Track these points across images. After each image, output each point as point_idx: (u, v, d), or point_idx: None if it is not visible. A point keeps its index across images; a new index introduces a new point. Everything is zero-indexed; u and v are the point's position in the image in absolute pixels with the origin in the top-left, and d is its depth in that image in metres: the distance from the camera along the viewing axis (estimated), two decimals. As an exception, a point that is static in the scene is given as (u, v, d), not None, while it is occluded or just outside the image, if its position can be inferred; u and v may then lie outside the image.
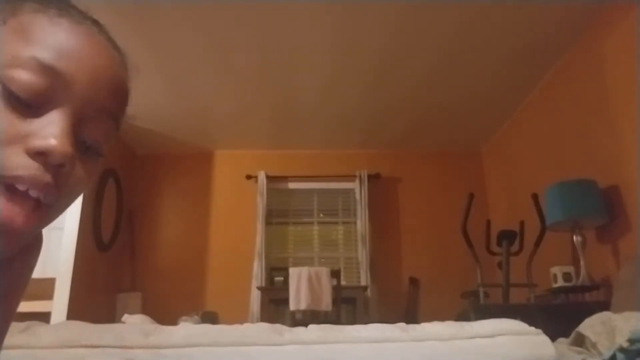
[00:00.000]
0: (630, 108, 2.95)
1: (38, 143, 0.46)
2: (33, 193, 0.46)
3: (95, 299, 4.54)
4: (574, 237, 3.15)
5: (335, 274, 3.88)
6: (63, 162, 0.47)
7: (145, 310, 4.75)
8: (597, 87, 3.31)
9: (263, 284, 4.81)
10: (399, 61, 3.90)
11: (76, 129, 0.49)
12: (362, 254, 5.03)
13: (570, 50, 3.65)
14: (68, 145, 0.47)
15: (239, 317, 4.41)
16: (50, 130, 0.47)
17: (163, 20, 3.39)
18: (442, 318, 1.73)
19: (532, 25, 3.43)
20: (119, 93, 0.54)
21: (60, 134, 0.47)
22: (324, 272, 3.80)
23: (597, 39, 3.31)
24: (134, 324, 1.56)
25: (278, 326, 1.48)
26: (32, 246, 0.61)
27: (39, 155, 0.46)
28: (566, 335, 1.70)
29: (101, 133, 0.52)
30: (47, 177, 0.47)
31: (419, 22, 3.41)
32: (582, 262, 3.10)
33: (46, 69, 0.47)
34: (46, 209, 0.48)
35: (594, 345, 1.55)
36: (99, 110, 0.51)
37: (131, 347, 1.31)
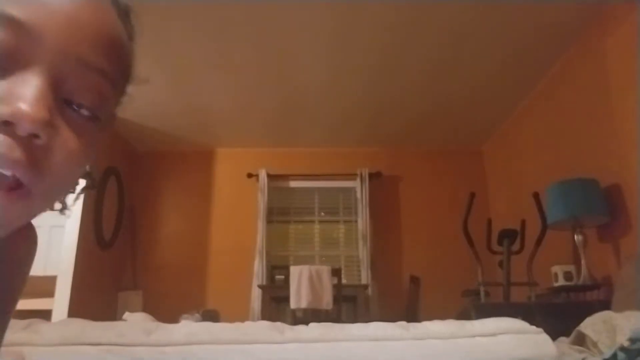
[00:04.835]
0: (631, 107, 2.95)
1: (3, 110, 0.36)
2: (5, 172, 0.37)
3: (96, 297, 4.54)
4: (575, 236, 3.15)
5: (336, 272, 3.88)
6: (35, 132, 0.37)
7: (146, 308, 4.75)
8: (599, 86, 3.30)
9: (264, 282, 4.81)
10: (400, 59, 3.90)
11: (58, 90, 0.40)
12: (363, 253, 5.03)
13: (572, 48, 3.64)
14: (43, 109, 0.37)
15: (240, 315, 4.42)
16: (19, 92, 0.38)
17: (164, 18, 3.39)
18: (442, 317, 1.73)
19: (534, 24, 3.42)
20: (107, 45, 0.44)
21: (32, 96, 0.37)
22: (325, 270, 3.80)
23: (598, 37, 3.31)
24: (135, 322, 1.56)
25: (279, 324, 1.48)
26: (21, 238, 0.52)
27: (5, 125, 0.37)
28: (567, 334, 1.70)
29: (90, 92, 0.43)
30: (16, 153, 0.37)
31: (420, 19, 3.41)
32: (583, 261, 3.10)
33: (8, 23, 0.38)
34: (26, 191, 0.39)
35: (594, 344, 1.55)
36: (84, 66, 0.42)
37: (133, 345, 1.31)
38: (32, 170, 0.38)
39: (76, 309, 4.06)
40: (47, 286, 4.11)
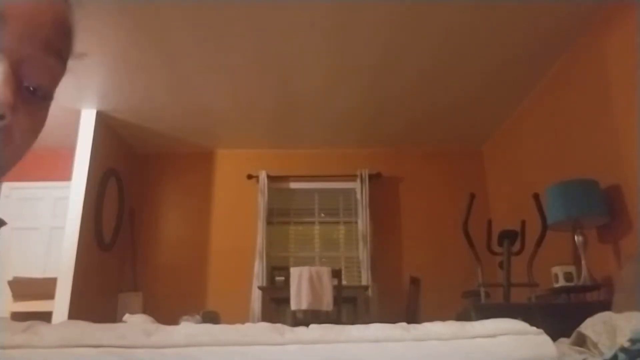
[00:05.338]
0: (631, 107, 2.95)
1: None
2: None
3: (96, 299, 4.54)
4: (575, 237, 3.15)
5: (336, 273, 3.88)
6: (2, 113, 0.41)
7: (147, 309, 4.76)
8: (599, 86, 3.30)
9: (264, 284, 4.81)
10: (400, 59, 3.90)
11: (17, 73, 0.44)
12: (363, 254, 5.03)
13: (571, 49, 3.65)
14: (9, 93, 0.42)
15: (240, 316, 4.42)
16: None
17: (164, 20, 3.39)
18: (442, 317, 1.73)
19: (534, 24, 3.42)
20: (61, 26, 0.47)
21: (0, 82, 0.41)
22: (325, 271, 3.80)
23: (598, 38, 3.31)
24: (135, 324, 1.56)
25: (279, 326, 1.48)
26: None
27: None
28: (567, 335, 1.70)
29: (46, 74, 0.47)
30: None
31: (420, 20, 3.41)
32: (583, 262, 3.10)
33: None
34: None
35: (595, 345, 1.55)
36: (42, 49, 0.45)
37: (133, 347, 1.31)
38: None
39: (76, 311, 4.06)
40: (47, 288, 4.11)
